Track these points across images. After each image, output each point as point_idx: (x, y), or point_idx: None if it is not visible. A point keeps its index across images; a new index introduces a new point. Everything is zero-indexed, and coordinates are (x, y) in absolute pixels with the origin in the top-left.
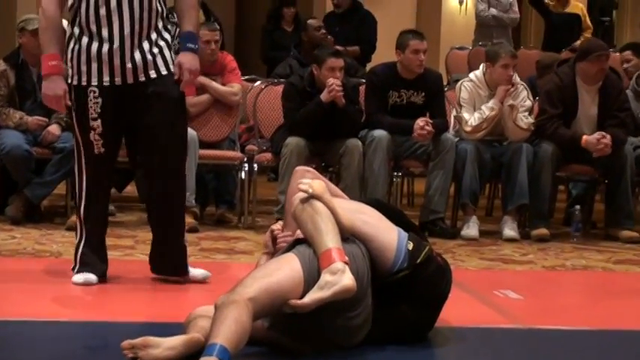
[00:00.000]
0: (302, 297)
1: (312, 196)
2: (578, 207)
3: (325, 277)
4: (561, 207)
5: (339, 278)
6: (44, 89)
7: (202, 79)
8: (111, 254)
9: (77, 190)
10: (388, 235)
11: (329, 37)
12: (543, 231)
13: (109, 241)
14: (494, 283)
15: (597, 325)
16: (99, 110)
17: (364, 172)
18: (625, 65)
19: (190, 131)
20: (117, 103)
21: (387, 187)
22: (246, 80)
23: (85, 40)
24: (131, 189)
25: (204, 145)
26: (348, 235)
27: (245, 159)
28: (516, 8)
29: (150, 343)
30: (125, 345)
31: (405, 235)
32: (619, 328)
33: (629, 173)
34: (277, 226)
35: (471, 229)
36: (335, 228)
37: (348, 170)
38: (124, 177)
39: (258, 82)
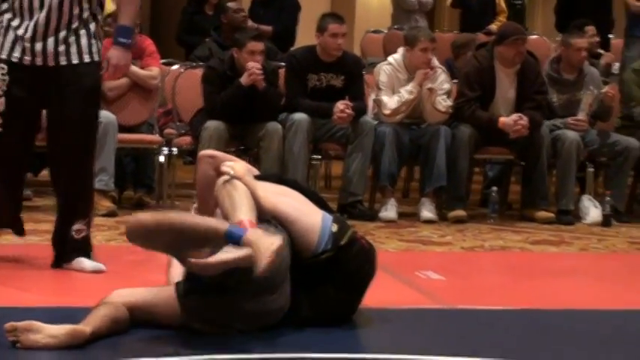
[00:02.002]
0: None
1: (233, 177)
2: (495, 188)
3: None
4: (477, 189)
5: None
6: None
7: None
8: (30, 239)
9: None
10: (312, 218)
11: (249, 20)
12: (460, 212)
13: (28, 226)
14: (415, 265)
15: (517, 305)
16: (4, 88)
17: (284, 155)
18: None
19: (109, 115)
20: (26, 85)
21: (306, 170)
22: (164, 64)
23: (12, 22)
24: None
25: (122, 129)
26: (270, 218)
27: (164, 142)
28: None
29: (32, 328)
30: (8, 327)
31: (329, 217)
32: (538, 307)
33: (545, 155)
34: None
35: (390, 211)
36: (250, 203)
37: (268, 153)
38: (40, 161)
39: (177, 66)
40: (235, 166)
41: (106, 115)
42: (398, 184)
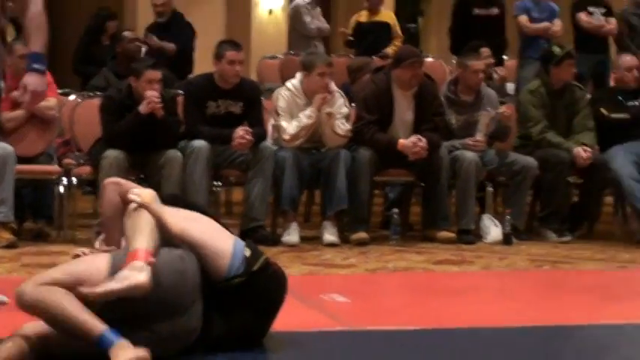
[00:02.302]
0: None
1: (140, 205)
2: (396, 210)
3: (123, 271)
4: (378, 210)
5: (135, 274)
6: None
7: (17, 94)
8: None
9: None
10: (223, 242)
11: (145, 44)
12: (362, 235)
13: None
14: (320, 288)
15: (423, 324)
16: None
17: (185, 182)
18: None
19: (6, 146)
20: None
21: (207, 197)
22: (61, 94)
23: None
24: None
25: (21, 159)
26: (178, 242)
27: (63, 172)
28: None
29: None
30: None
31: (242, 242)
32: (443, 326)
33: (445, 176)
34: (81, 251)
35: (292, 235)
36: (152, 232)
37: (169, 181)
38: None
39: (74, 96)
40: (142, 193)
41: (3, 146)
42: (299, 209)
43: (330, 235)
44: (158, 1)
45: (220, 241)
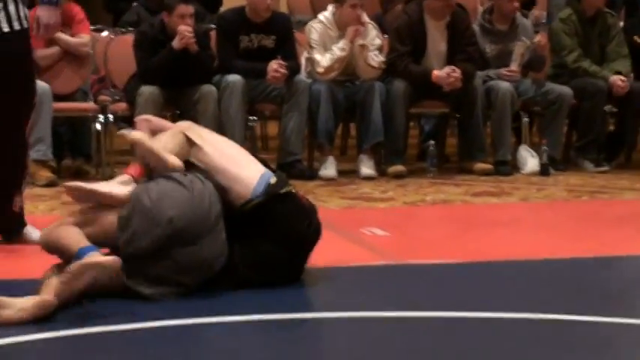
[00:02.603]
0: None
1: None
2: (432, 142)
3: (112, 181)
4: (414, 143)
5: (119, 186)
6: None
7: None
8: None
9: None
10: (252, 169)
11: None
12: (399, 167)
13: None
14: (360, 221)
15: (462, 258)
16: None
17: (220, 117)
18: None
19: (43, 84)
20: None
21: (243, 131)
22: (94, 30)
23: None
24: None
25: (56, 97)
26: (204, 165)
27: (99, 110)
28: None
29: (1, 304)
30: None
31: (270, 173)
32: (482, 259)
33: (480, 107)
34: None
35: (329, 169)
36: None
37: (204, 116)
38: None
39: (106, 32)
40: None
41: (39, 84)
42: (335, 142)
43: (366, 169)
44: None
45: (249, 167)
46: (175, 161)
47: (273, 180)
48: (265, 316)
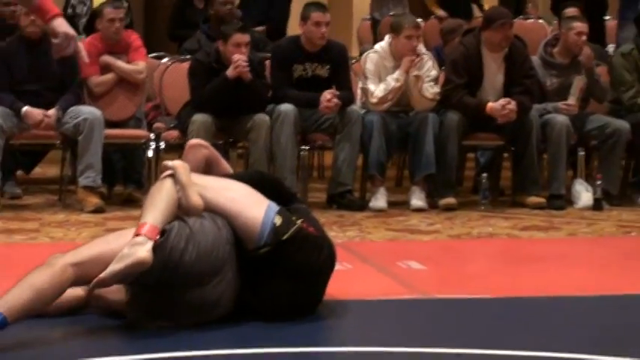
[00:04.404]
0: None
1: (170, 176)
2: (485, 175)
3: (124, 249)
4: (470, 175)
5: (135, 251)
6: None
7: (107, 58)
8: (15, 238)
9: None
10: (254, 211)
11: (238, 11)
12: (451, 200)
13: (14, 225)
14: (398, 254)
15: (496, 293)
16: None
17: (272, 146)
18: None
19: (95, 111)
20: None
21: (295, 161)
22: (154, 57)
23: None
24: (40, 171)
25: (110, 124)
26: (207, 212)
27: (152, 137)
28: None
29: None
30: None
31: (274, 210)
32: (519, 294)
33: (535, 140)
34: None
35: (379, 200)
36: (166, 207)
37: (256, 145)
38: (32, 158)
39: (166, 59)
40: (175, 163)
41: (91, 111)
42: (390, 173)
43: (417, 200)
44: None
45: (252, 208)
46: (197, 202)
47: (278, 221)
48: (283, 349)
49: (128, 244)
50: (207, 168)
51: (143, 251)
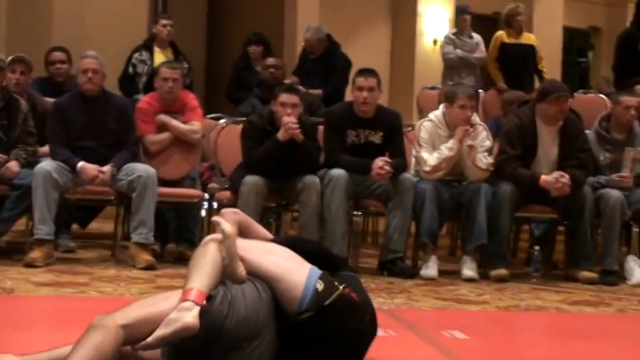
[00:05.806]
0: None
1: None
2: (537, 247)
3: (172, 314)
4: (524, 247)
5: (182, 316)
6: None
7: (163, 117)
8: (64, 291)
9: None
10: (296, 275)
11: (295, 78)
12: (502, 271)
13: (65, 278)
14: (444, 323)
15: None
16: None
17: (323, 210)
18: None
19: (148, 169)
20: None
21: (345, 226)
22: (212, 118)
23: None
24: (96, 226)
25: (165, 182)
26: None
27: (206, 197)
28: (483, 47)
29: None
30: None
31: (316, 274)
32: None
33: (588, 214)
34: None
35: (430, 269)
36: (212, 271)
37: (306, 207)
38: (88, 213)
39: (223, 120)
40: (229, 230)
41: (145, 169)
42: (444, 241)
43: (468, 270)
44: (308, 42)
45: (294, 273)
46: (243, 276)
47: (320, 286)
48: None
49: (176, 309)
50: (241, 234)
51: (190, 317)
